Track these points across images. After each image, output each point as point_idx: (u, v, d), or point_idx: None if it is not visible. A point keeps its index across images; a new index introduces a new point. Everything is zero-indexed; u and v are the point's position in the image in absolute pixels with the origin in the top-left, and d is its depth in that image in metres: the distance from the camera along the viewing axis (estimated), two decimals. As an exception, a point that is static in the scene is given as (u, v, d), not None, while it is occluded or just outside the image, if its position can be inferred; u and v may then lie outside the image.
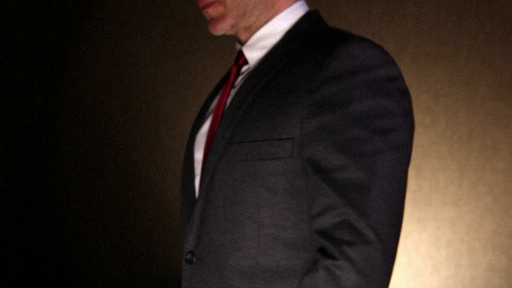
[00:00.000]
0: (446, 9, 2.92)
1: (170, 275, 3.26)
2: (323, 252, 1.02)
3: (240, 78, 1.20)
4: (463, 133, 2.89)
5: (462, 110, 2.90)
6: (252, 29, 1.21)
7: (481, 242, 2.84)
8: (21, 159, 3.37)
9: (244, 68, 1.22)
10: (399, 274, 2.91)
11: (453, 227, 2.86)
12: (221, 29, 1.17)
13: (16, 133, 3.37)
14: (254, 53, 1.20)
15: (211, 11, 1.19)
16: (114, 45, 3.28)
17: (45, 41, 3.35)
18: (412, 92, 2.89)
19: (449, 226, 2.86)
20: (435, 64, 2.92)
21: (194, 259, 1.15)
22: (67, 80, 3.34)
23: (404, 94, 1.08)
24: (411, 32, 2.94)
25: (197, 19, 3.14)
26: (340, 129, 1.03)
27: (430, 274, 2.88)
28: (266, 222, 1.07)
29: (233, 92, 1.18)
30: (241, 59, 1.22)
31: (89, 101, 3.33)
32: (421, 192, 2.89)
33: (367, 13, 2.96)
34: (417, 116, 2.91)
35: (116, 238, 3.34)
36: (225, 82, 1.27)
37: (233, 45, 3.09)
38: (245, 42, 1.21)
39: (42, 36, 3.34)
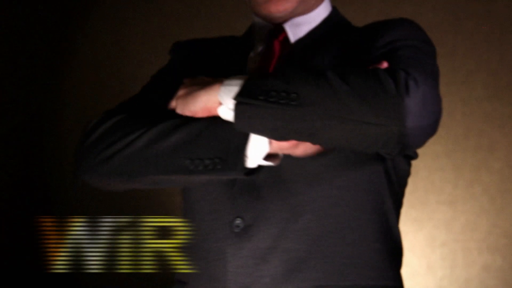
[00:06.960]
0: (442, 9, 2.92)
1: (170, 275, 3.26)
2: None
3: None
4: (459, 133, 2.88)
5: (459, 110, 2.90)
6: (293, 15, 1.19)
7: (476, 242, 2.83)
8: (21, 158, 3.40)
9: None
10: (395, 275, 2.91)
11: (449, 227, 2.85)
12: (285, 8, 1.15)
13: (16, 133, 3.40)
14: (299, 34, 1.20)
15: None
16: (114, 45, 3.30)
17: (45, 41, 3.37)
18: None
19: (444, 226, 2.85)
20: (432, 64, 2.92)
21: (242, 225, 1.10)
22: (67, 80, 3.36)
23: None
24: (407, 32, 2.94)
25: (195, 19, 3.16)
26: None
27: (425, 274, 2.87)
28: None
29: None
30: (281, 35, 1.19)
31: (89, 101, 3.35)
32: (416, 192, 2.88)
33: (363, 13, 2.97)
34: (413, 116, 2.91)
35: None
36: (236, 63, 1.23)
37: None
38: (279, 24, 1.19)
39: (42, 36, 3.37)
